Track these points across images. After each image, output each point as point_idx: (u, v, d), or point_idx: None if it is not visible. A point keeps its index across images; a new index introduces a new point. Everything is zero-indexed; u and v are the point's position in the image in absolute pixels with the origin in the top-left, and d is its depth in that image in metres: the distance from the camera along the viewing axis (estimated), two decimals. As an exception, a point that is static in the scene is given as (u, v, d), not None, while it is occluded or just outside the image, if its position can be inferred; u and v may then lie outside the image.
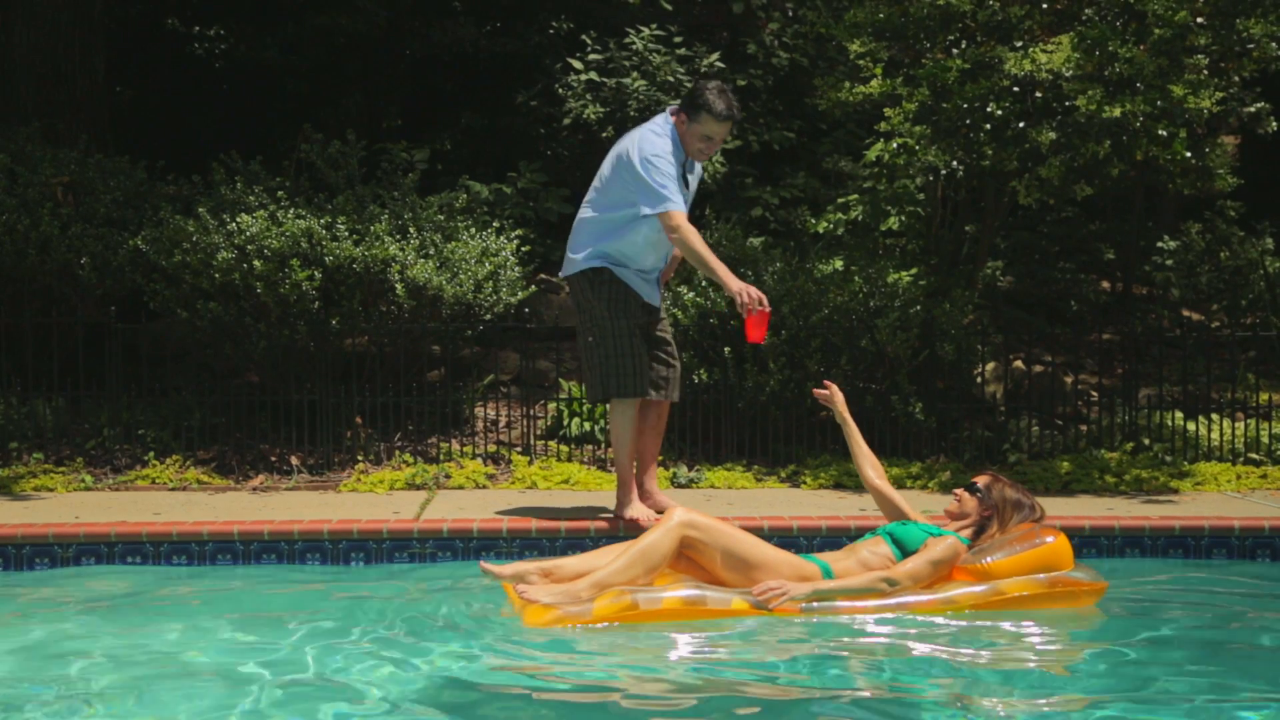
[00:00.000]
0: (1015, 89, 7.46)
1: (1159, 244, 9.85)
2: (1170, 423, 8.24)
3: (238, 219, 7.74)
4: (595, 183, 6.35)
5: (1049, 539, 5.36)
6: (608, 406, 6.57)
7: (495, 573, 5.20)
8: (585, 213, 6.36)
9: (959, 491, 5.61)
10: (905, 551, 5.34)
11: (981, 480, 5.57)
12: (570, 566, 5.26)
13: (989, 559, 5.32)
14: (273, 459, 7.84)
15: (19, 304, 8.15)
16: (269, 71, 11.49)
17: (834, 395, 5.91)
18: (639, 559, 5.14)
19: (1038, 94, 7.45)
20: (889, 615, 5.17)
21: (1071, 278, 10.54)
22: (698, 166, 6.42)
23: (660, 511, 6.43)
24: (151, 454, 7.75)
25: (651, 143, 6.14)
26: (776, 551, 5.30)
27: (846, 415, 5.89)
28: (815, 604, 5.16)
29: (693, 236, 6.07)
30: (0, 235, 7.94)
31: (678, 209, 6.08)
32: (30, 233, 7.96)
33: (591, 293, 6.30)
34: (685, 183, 6.26)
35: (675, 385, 6.48)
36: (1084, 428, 8.33)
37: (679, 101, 6.19)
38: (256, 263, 7.62)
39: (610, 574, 5.12)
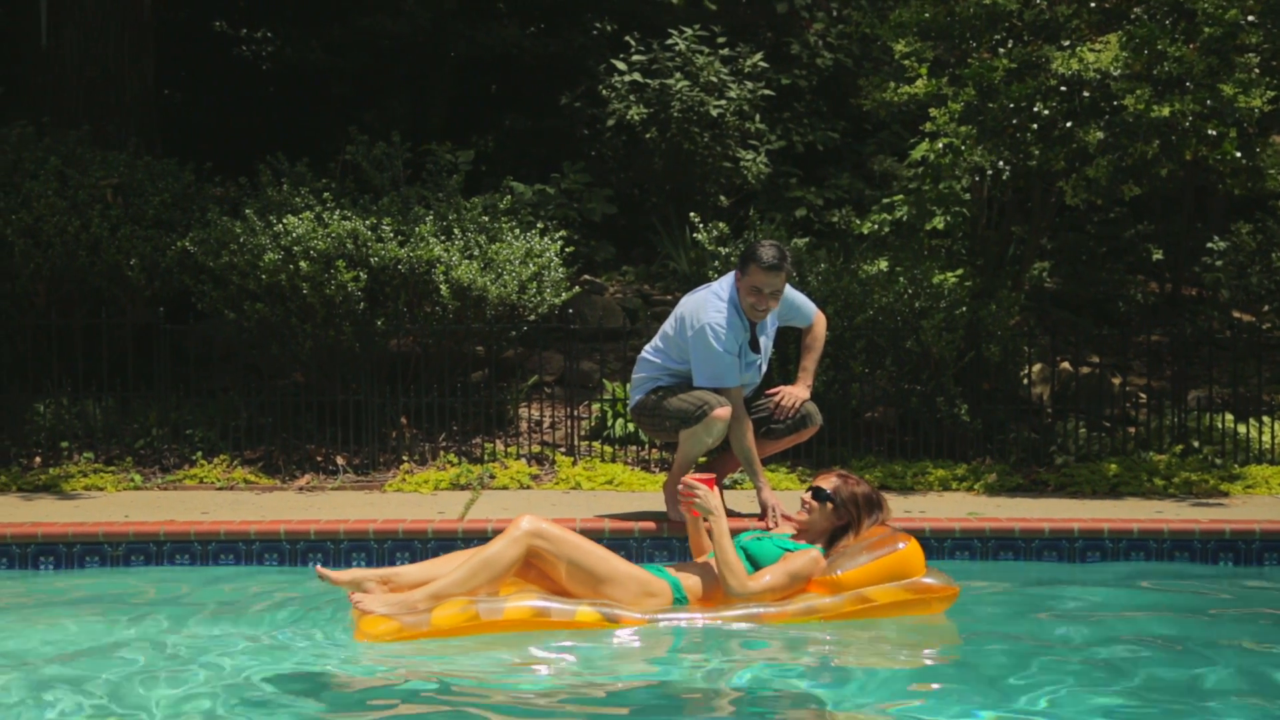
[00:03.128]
0: (1062, 88, 7.40)
1: (1208, 244, 9.72)
2: (1220, 425, 8.15)
3: (284, 220, 7.80)
4: (662, 333, 6.34)
5: (900, 545, 5.25)
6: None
7: (332, 579, 5.01)
8: (650, 356, 6.35)
9: (807, 500, 5.39)
10: (758, 567, 5.23)
11: (828, 484, 5.35)
12: (410, 575, 5.10)
13: (840, 570, 5.19)
14: (319, 459, 7.90)
15: (70, 305, 8.25)
16: (315, 73, 11.58)
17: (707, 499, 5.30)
18: (481, 568, 4.98)
19: (1085, 93, 7.38)
20: (737, 626, 5.06)
21: (1119, 279, 10.44)
22: (769, 326, 6.28)
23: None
24: (199, 454, 7.83)
25: (714, 307, 6.05)
26: (625, 565, 5.17)
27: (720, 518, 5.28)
28: (661, 615, 5.07)
29: (738, 427, 6.08)
30: (51, 237, 8.04)
31: (729, 385, 6.08)
32: (80, 234, 8.05)
33: (654, 395, 6.29)
34: (756, 345, 6.19)
35: (808, 414, 6.39)
36: (1132, 430, 8.25)
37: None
38: (303, 264, 7.68)
39: (449, 584, 4.96)
